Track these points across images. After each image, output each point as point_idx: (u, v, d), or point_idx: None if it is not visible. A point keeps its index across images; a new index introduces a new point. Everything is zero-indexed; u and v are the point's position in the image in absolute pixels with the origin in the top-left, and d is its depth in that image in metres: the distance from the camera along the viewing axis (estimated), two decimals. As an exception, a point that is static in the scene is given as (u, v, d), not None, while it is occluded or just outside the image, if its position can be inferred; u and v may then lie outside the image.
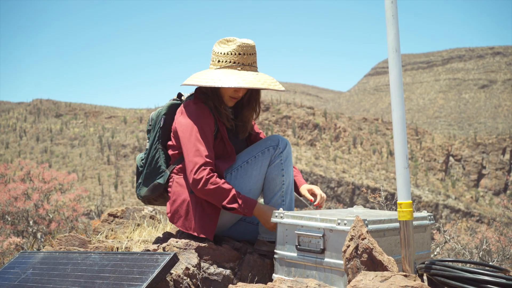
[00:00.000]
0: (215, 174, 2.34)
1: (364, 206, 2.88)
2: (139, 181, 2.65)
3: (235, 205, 2.30)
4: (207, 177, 2.30)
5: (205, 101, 2.51)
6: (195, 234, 2.38)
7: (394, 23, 1.83)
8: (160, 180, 2.54)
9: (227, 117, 2.54)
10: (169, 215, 2.50)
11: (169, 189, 2.54)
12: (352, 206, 2.70)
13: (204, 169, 2.31)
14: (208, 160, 2.34)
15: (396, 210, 4.00)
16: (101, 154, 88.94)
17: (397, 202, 1.84)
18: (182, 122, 2.45)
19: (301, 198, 2.70)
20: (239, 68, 2.44)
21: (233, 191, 2.31)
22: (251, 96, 2.63)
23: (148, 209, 3.67)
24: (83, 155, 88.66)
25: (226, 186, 2.31)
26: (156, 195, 2.60)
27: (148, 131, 2.67)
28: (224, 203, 2.30)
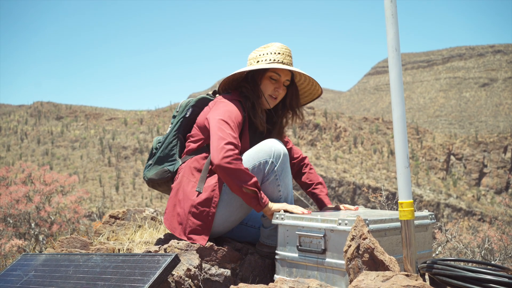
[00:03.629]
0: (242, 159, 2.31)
1: (365, 206, 2.88)
2: (150, 162, 2.63)
3: (255, 189, 2.21)
4: (237, 156, 2.24)
5: (242, 99, 2.51)
6: (185, 239, 2.34)
7: (394, 22, 1.83)
8: (170, 168, 2.52)
9: (261, 120, 2.52)
10: (164, 215, 2.49)
11: (172, 183, 2.51)
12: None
13: (234, 150, 2.25)
14: (237, 143, 2.30)
15: (397, 209, 4.00)
16: (102, 156, 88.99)
17: (398, 201, 1.84)
18: (216, 108, 2.43)
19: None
20: (280, 63, 2.48)
21: (255, 178, 2.24)
22: (292, 100, 2.61)
23: (149, 210, 3.67)
24: (84, 157, 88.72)
25: (250, 173, 2.26)
26: (162, 181, 2.57)
27: (174, 117, 2.66)
28: (247, 184, 2.20)
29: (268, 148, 2.33)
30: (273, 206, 2.26)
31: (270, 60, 2.48)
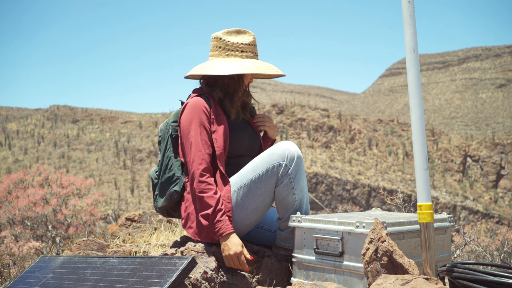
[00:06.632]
0: (211, 183, 2.27)
1: (381, 208, 2.85)
2: (156, 193, 2.58)
3: (204, 222, 2.25)
4: (208, 186, 2.27)
5: (203, 93, 2.49)
6: (198, 239, 2.35)
7: (412, 23, 1.81)
8: (176, 188, 2.45)
9: (236, 108, 2.50)
10: (182, 221, 2.46)
11: (184, 193, 2.49)
12: (368, 208, 2.68)
13: (203, 174, 2.28)
14: (207, 163, 2.31)
15: (414, 212, 3.95)
16: (117, 158, 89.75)
17: (417, 204, 1.81)
18: (181, 119, 2.44)
19: None
20: (257, 58, 2.52)
21: (211, 210, 2.22)
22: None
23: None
24: (100, 160, 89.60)
25: (210, 200, 2.23)
26: (173, 203, 2.50)
27: (159, 143, 2.63)
28: (200, 214, 2.28)
29: (281, 151, 2.29)
30: (229, 240, 2.22)
31: (252, 53, 2.49)
